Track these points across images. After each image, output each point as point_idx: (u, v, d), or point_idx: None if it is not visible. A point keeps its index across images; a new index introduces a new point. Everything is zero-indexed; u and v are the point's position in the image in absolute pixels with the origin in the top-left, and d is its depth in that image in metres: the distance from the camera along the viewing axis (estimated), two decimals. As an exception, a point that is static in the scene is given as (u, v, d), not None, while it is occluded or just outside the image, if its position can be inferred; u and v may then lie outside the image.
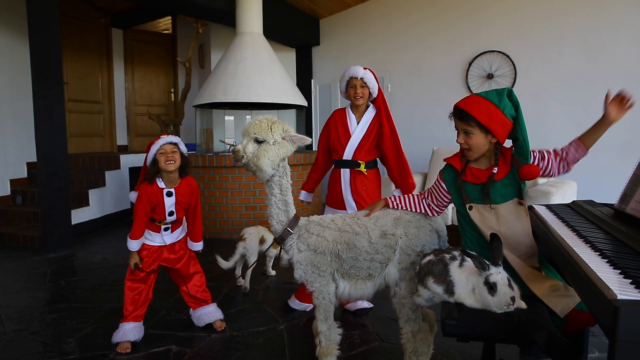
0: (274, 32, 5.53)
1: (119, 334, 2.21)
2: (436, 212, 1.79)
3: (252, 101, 4.63)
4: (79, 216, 4.76)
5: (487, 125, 1.53)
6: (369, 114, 2.55)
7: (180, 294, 2.49)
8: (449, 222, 3.91)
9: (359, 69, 2.49)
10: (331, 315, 1.79)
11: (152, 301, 2.38)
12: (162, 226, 2.29)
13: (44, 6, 3.92)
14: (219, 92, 4.64)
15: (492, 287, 1.31)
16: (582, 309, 1.36)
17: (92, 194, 5.05)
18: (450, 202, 1.76)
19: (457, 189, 1.66)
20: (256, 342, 2.30)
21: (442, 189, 1.73)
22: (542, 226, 1.53)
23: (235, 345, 2.26)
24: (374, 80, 2.51)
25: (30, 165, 5.39)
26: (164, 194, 2.21)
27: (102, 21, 6.70)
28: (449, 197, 1.73)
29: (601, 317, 0.91)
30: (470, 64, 5.01)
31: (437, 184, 1.75)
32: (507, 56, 4.78)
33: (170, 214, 2.25)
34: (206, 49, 6.60)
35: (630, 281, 0.93)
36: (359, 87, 2.49)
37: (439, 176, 1.75)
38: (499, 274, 1.32)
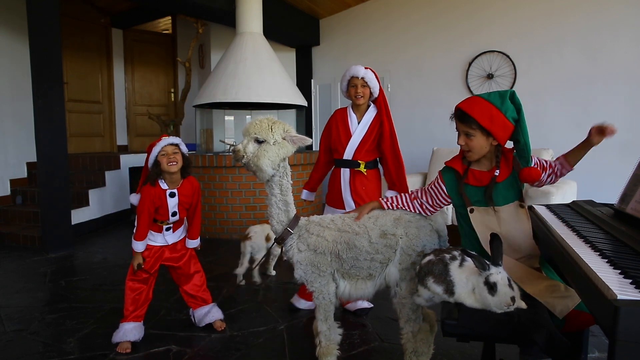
0: (274, 32, 5.53)
1: (119, 334, 2.22)
2: (429, 211, 1.78)
3: (252, 101, 4.63)
4: (79, 216, 4.77)
5: (488, 128, 1.52)
6: (370, 114, 2.55)
7: (180, 294, 2.49)
8: (449, 222, 3.91)
9: (360, 69, 2.49)
10: (331, 315, 1.79)
11: (152, 301, 2.38)
12: (164, 226, 2.29)
13: (44, 6, 3.92)
14: (219, 92, 4.65)
15: (492, 287, 1.31)
16: (582, 310, 1.36)
17: (92, 194, 5.05)
18: (447, 204, 1.76)
19: (459, 191, 1.66)
20: (256, 342, 2.30)
21: (442, 191, 1.72)
22: (542, 226, 1.53)
23: (235, 345, 2.27)
24: (375, 80, 2.51)
25: (30, 165, 5.39)
26: (167, 195, 2.21)
27: (102, 21, 6.70)
28: (448, 199, 1.72)
29: (601, 317, 0.91)
30: (470, 64, 5.01)
31: (437, 185, 1.73)
32: (507, 56, 4.78)
33: (173, 214, 2.26)
34: (206, 49, 6.60)
35: (630, 281, 0.93)
36: (359, 87, 2.49)
37: (439, 178, 1.74)
38: (499, 274, 1.32)
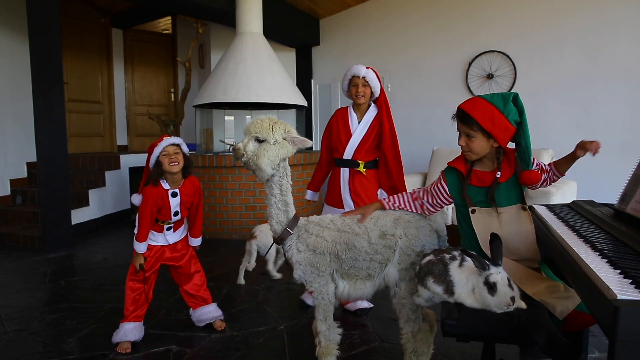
0: (274, 32, 5.53)
1: (119, 334, 2.22)
2: (429, 211, 1.78)
3: (252, 101, 4.63)
4: (79, 216, 4.77)
5: (489, 130, 1.52)
6: (371, 114, 2.56)
7: (180, 294, 2.49)
8: (449, 222, 3.91)
9: (361, 68, 2.49)
10: (330, 315, 1.79)
11: (152, 301, 2.38)
12: (165, 226, 2.30)
13: (44, 6, 3.92)
14: (219, 92, 4.64)
15: (492, 287, 1.30)
16: (581, 310, 1.35)
17: (92, 194, 5.05)
18: (448, 204, 1.76)
19: (461, 192, 1.66)
20: (256, 342, 2.30)
21: (444, 192, 1.72)
22: (542, 226, 1.53)
23: (235, 345, 2.26)
24: (376, 79, 2.51)
25: (30, 165, 5.39)
26: (169, 195, 2.22)
27: (102, 21, 6.70)
28: (449, 200, 1.72)
29: (601, 317, 0.91)
30: (470, 64, 5.01)
31: (439, 186, 1.73)
32: (507, 56, 4.78)
33: (175, 214, 2.26)
34: (206, 49, 6.60)
35: (630, 281, 0.93)
36: (360, 86, 2.49)
37: (442, 178, 1.73)
38: (499, 274, 1.32)
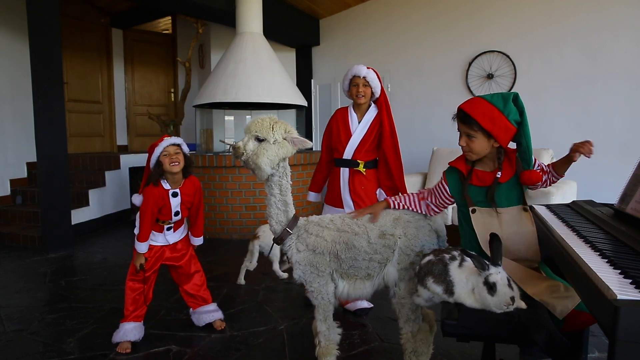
0: (274, 32, 5.53)
1: (119, 333, 2.22)
2: (434, 212, 1.79)
3: (252, 101, 4.63)
4: (79, 216, 4.77)
5: (489, 130, 1.53)
6: (371, 114, 2.56)
7: (180, 294, 2.49)
8: (448, 222, 3.91)
9: (362, 68, 2.50)
10: (330, 315, 1.79)
11: (152, 301, 2.38)
12: (165, 226, 2.30)
13: (44, 6, 3.91)
14: (219, 92, 4.64)
15: (491, 287, 1.30)
16: (581, 309, 1.35)
17: (92, 194, 5.05)
18: (450, 204, 1.76)
19: (462, 192, 1.66)
20: (256, 342, 2.30)
21: (445, 192, 1.72)
22: (543, 226, 1.52)
23: (235, 345, 2.26)
24: (376, 80, 2.52)
25: (30, 165, 5.39)
26: (170, 195, 2.22)
27: (102, 21, 6.70)
28: (451, 199, 1.73)
29: (601, 317, 0.91)
30: (470, 64, 5.01)
31: (441, 186, 1.74)
32: (507, 56, 4.78)
33: (176, 213, 2.27)
34: (206, 49, 6.60)
35: (630, 281, 0.92)
36: (361, 86, 2.50)
37: (443, 178, 1.74)
38: (498, 274, 1.32)
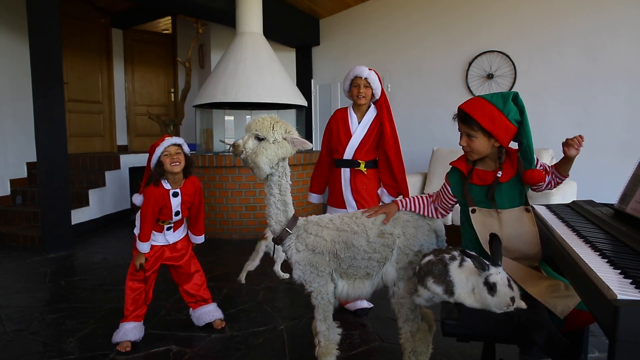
0: (274, 32, 5.53)
1: (119, 333, 2.22)
2: (442, 214, 1.79)
3: (252, 101, 4.63)
4: (79, 216, 4.77)
5: (490, 129, 1.52)
6: (371, 114, 2.56)
7: (180, 294, 2.49)
8: (448, 222, 3.91)
9: (364, 69, 2.50)
10: (330, 315, 1.79)
11: (152, 301, 2.38)
12: (165, 226, 2.30)
13: (44, 6, 3.91)
14: (219, 92, 4.64)
15: (491, 288, 1.30)
16: (581, 309, 1.36)
17: (92, 194, 5.05)
18: (454, 204, 1.76)
19: (463, 191, 1.66)
20: (256, 342, 2.30)
21: (448, 192, 1.73)
22: (543, 226, 1.53)
23: (235, 345, 2.26)
24: (377, 81, 2.52)
25: (30, 165, 5.39)
26: (170, 194, 2.22)
27: (102, 21, 6.70)
28: (454, 200, 1.73)
29: (601, 317, 0.91)
30: (470, 64, 5.01)
31: (444, 187, 1.75)
32: (507, 56, 4.78)
33: (176, 213, 2.27)
34: (206, 49, 6.61)
35: (630, 281, 0.93)
36: (362, 87, 2.50)
37: (445, 179, 1.75)
38: (498, 274, 1.32)
